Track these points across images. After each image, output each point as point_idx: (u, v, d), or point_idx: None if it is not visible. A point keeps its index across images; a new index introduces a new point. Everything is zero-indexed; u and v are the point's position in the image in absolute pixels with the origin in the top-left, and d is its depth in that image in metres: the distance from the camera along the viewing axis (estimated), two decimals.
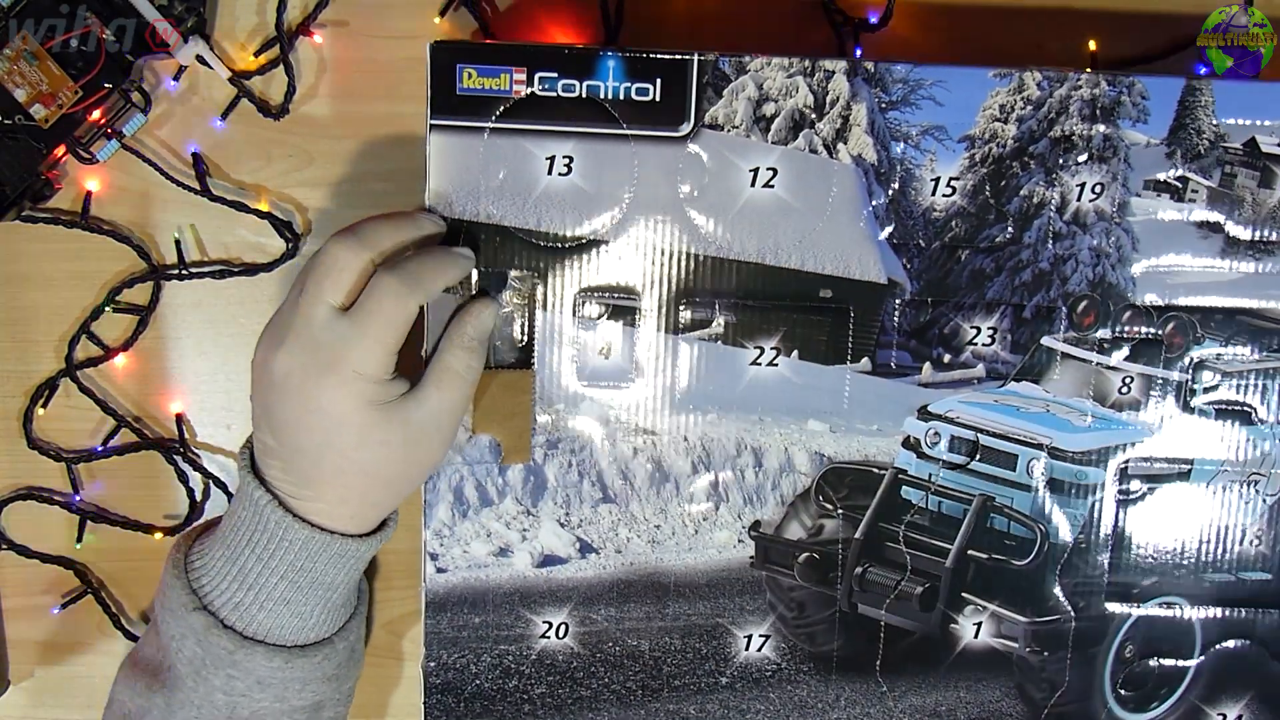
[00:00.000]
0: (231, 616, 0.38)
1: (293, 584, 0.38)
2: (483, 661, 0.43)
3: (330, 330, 0.36)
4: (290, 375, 0.36)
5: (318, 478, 0.37)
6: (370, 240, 0.37)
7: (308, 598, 0.39)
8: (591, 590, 0.43)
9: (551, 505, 0.43)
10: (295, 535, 0.37)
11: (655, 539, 0.43)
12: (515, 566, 0.43)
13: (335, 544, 0.38)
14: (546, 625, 0.43)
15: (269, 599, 0.38)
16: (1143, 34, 0.45)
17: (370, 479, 0.38)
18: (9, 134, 0.43)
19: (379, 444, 0.37)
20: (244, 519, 0.38)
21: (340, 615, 0.41)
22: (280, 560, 0.38)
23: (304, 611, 0.39)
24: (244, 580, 0.38)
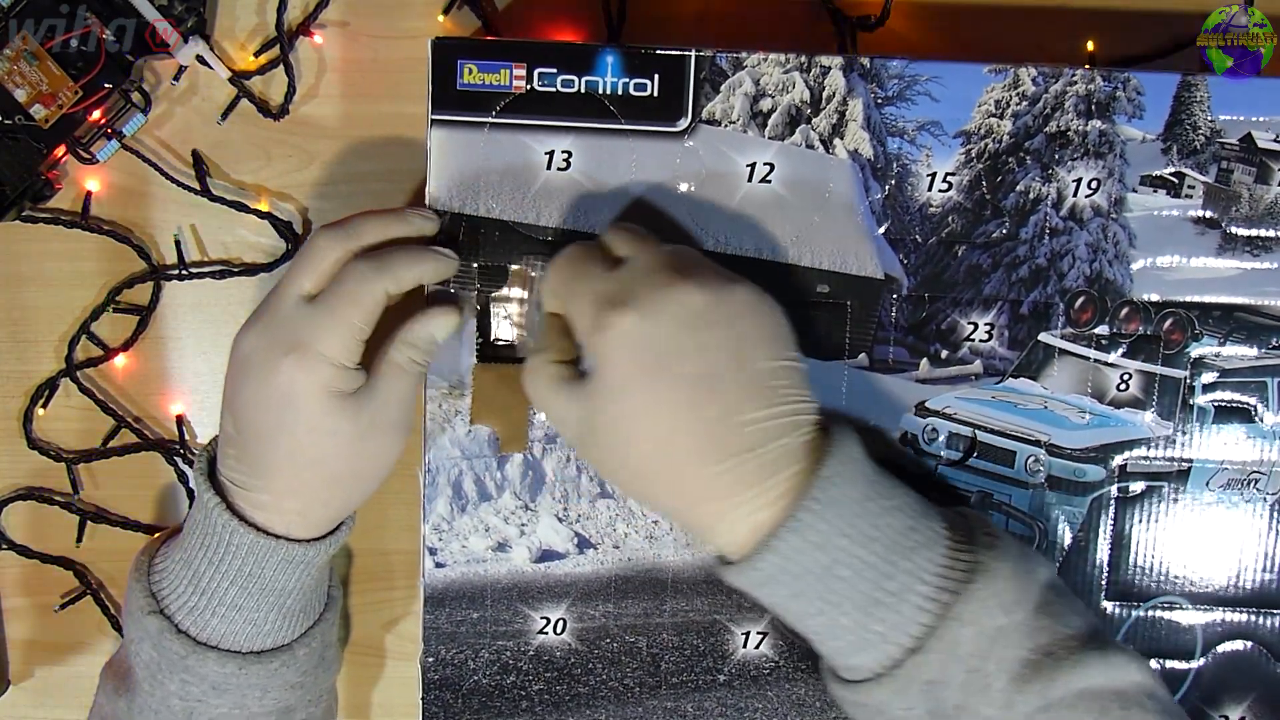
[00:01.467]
0: (186, 621, 0.37)
1: (243, 589, 0.37)
2: (481, 657, 0.43)
3: (298, 312, 0.37)
4: (254, 353, 0.37)
5: (268, 465, 0.37)
6: (354, 233, 0.38)
7: (259, 604, 0.38)
8: (589, 586, 0.43)
9: (550, 500, 0.43)
10: (242, 539, 0.37)
11: (653, 534, 0.43)
12: (513, 561, 0.43)
13: (282, 549, 0.37)
14: (544, 621, 0.43)
15: (221, 604, 0.37)
16: (1142, 33, 0.45)
17: (316, 470, 0.37)
18: (9, 134, 0.43)
19: (328, 433, 0.36)
20: (197, 521, 0.38)
21: (300, 621, 0.40)
22: (229, 565, 0.37)
23: (257, 618, 0.38)
24: (197, 584, 0.37)
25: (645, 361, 0.33)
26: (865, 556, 0.33)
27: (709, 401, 0.33)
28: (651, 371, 0.33)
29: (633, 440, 0.33)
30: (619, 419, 0.33)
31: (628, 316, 0.33)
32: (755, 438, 0.33)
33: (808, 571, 0.33)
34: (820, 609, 0.34)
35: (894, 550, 0.33)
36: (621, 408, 0.33)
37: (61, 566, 0.48)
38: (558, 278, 0.37)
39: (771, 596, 0.34)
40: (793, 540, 0.33)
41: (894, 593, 0.33)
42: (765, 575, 0.34)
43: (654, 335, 0.33)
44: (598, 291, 0.35)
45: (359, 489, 0.39)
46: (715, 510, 0.34)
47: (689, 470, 0.33)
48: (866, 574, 0.33)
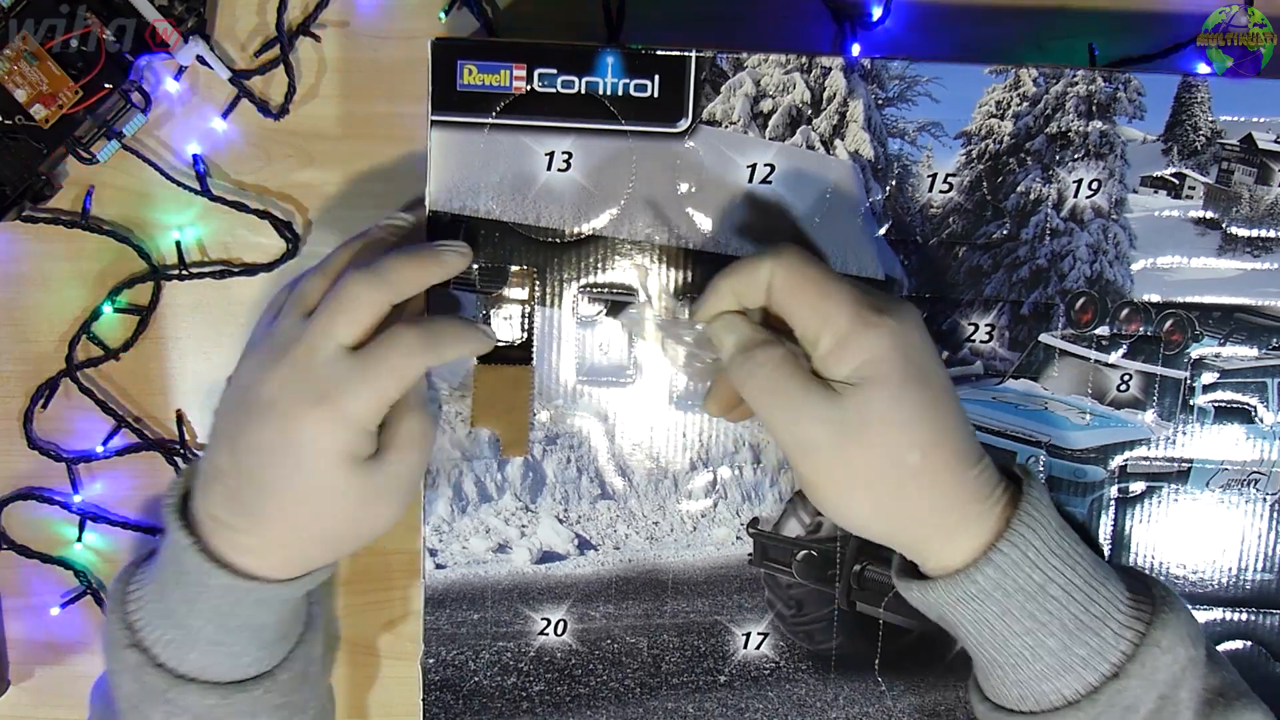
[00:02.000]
0: (164, 654, 0.36)
1: (221, 627, 0.36)
2: (481, 658, 0.43)
3: (334, 367, 0.35)
4: (277, 402, 0.35)
5: (261, 512, 0.35)
6: (393, 281, 0.36)
7: (237, 638, 0.37)
8: (590, 587, 0.43)
9: (550, 501, 0.43)
10: (217, 581, 0.35)
11: (654, 536, 0.43)
12: (514, 563, 0.43)
13: (258, 590, 0.36)
14: (545, 622, 0.43)
15: (198, 639, 0.36)
16: (1142, 33, 0.45)
17: (312, 527, 0.36)
18: (9, 134, 0.43)
19: (337, 494, 0.35)
20: (168, 560, 0.37)
21: (280, 648, 0.38)
22: (204, 603, 0.36)
23: (236, 651, 0.37)
24: (172, 619, 0.36)
25: (912, 365, 0.33)
26: (1073, 577, 0.34)
27: (958, 408, 0.34)
28: (919, 376, 0.33)
29: (907, 442, 0.33)
30: (893, 422, 0.33)
31: (889, 321, 0.33)
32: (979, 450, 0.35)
33: (1021, 589, 0.33)
34: (1028, 629, 0.34)
35: (1094, 575, 0.34)
36: (896, 411, 0.33)
37: (61, 566, 0.48)
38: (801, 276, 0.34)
39: (978, 613, 0.34)
40: (1013, 554, 0.33)
41: (1098, 616, 0.34)
42: (979, 589, 0.34)
43: (912, 342, 0.33)
44: (855, 295, 0.34)
45: (346, 547, 0.38)
46: (957, 519, 0.34)
47: (951, 473, 0.34)
48: (1075, 595, 0.34)
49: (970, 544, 0.34)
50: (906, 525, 0.35)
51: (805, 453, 0.34)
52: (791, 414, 0.34)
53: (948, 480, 0.34)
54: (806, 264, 0.34)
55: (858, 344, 0.33)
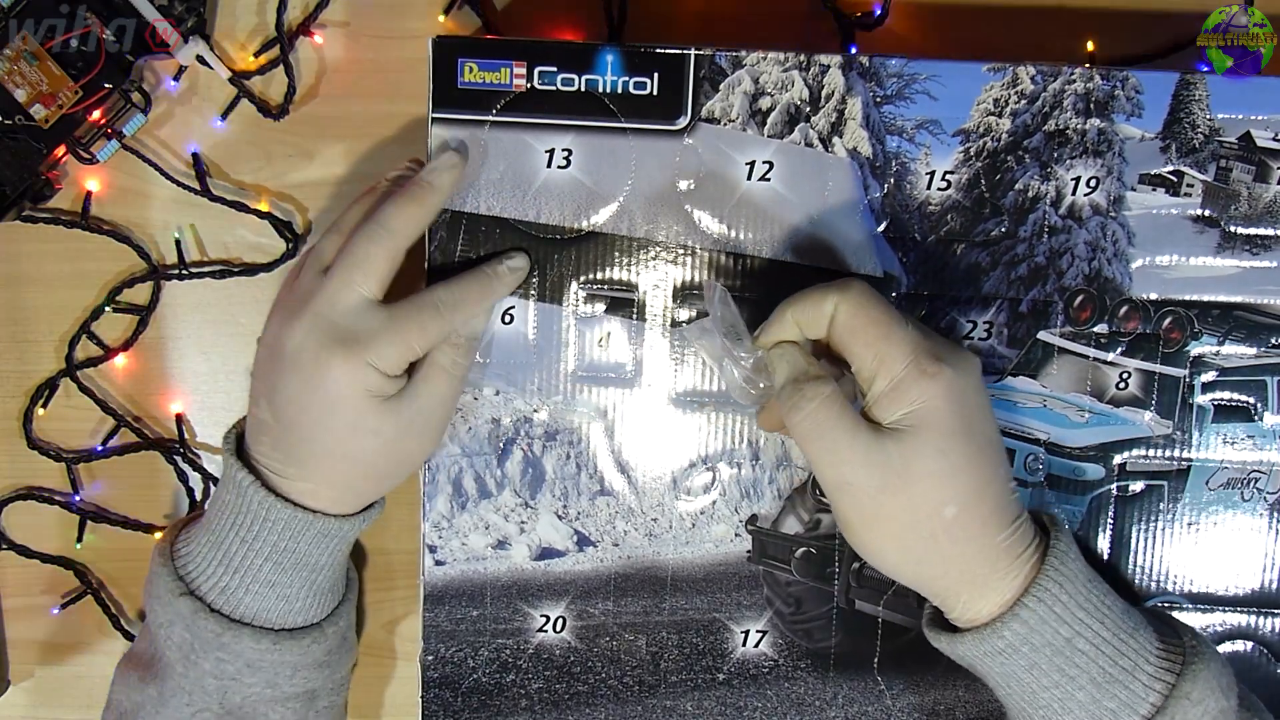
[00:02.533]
0: (218, 600, 0.38)
1: (277, 565, 0.38)
2: (480, 655, 0.43)
3: (359, 318, 0.37)
4: (303, 351, 0.37)
5: (306, 456, 0.38)
6: (395, 228, 0.38)
7: (293, 579, 0.39)
8: (589, 584, 0.43)
9: (549, 497, 0.43)
10: (278, 515, 0.38)
11: (653, 532, 0.43)
12: (513, 559, 0.43)
13: (318, 523, 0.38)
14: (544, 619, 0.43)
15: (254, 581, 0.38)
16: (1142, 33, 0.45)
17: (355, 466, 0.38)
18: (9, 134, 0.43)
19: (370, 433, 0.38)
20: (228, 502, 0.39)
21: (328, 600, 0.41)
22: (264, 541, 0.38)
23: (289, 594, 0.39)
24: (229, 563, 0.38)
25: (960, 418, 0.33)
26: (1100, 631, 0.34)
27: (1001, 465, 0.34)
28: (966, 430, 0.33)
29: (945, 496, 0.33)
30: (934, 473, 0.33)
31: (946, 371, 0.33)
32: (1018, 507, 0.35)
33: (1048, 644, 0.34)
34: (1056, 682, 0.34)
35: (1122, 627, 0.35)
36: (939, 463, 0.33)
37: (61, 566, 0.48)
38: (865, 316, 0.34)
39: (1006, 666, 0.35)
40: (1039, 609, 0.34)
41: (1126, 669, 0.34)
42: (1006, 644, 0.34)
43: (966, 394, 0.33)
44: (915, 340, 0.34)
45: (395, 478, 0.40)
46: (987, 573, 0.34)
47: (985, 529, 0.34)
48: (1103, 648, 0.34)
49: (998, 598, 0.34)
50: (936, 575, 0.35)
51: (843, 492, 0.34)
52: (833, 454, 0.34)
53: (981, 536, 0.34)
54: (872, 303, 0.35)
55: (911, 391, 0.33)
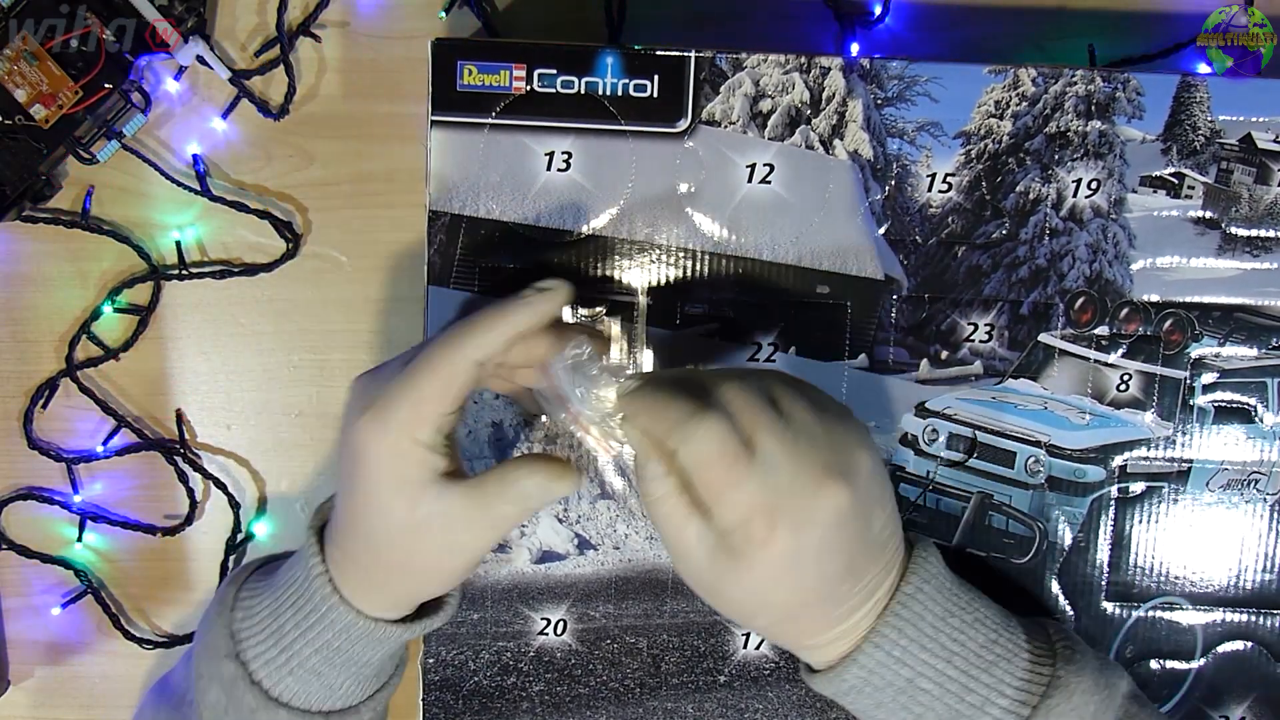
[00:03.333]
0: (261, 672, 0.36)
1: (327, 660, 0.36)
2: (481, 658, 0.43)
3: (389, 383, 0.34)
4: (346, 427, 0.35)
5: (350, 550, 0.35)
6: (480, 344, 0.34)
7: (340, 673, 0.37)
8: (590, 587, 0.43)
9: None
10: (337, 617, 0.36)
11: (654, 535, 0.43)
12: (514, 563, 0.43)
13: (377, 630, 0.36)
14: (545, 622, 0.43)
15: (300, 666, 0.36)
16: (1142, 33, 0.45)
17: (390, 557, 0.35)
18: (9, 134, 0.43)
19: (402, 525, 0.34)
20: (296, 580, 0.36)
21: (371, 685, 0.39)
22: (318, 635, 0.36)
23: (333, 684, 0.37)
24: (280, 641, 0.36)
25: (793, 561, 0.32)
26: (946, 670, 0.34)
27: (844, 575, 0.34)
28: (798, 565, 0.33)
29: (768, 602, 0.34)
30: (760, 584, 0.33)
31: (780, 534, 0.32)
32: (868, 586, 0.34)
33: (889, 684, 0.34)
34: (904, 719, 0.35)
35: (975, 664, 0.35)
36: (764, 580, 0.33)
37: (61, 566, 0.48)
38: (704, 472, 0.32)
39: (856, 705, 0.36)
40: (875, 654, 0.34)
41: (975, 705, 0.34)
42: (849, 686, 0.35)
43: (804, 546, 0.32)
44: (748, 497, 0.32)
45: (424, 586, 0.36)
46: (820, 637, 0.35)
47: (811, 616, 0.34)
48: (949, 687, 0.34)
49: (845, 644, 0.35)
50: (782, 637, 0.36)
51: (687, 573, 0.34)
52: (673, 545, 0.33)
53: (811, 620, 0.34)
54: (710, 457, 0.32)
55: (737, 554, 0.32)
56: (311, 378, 0.48)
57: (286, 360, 0.48)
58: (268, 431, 0.48)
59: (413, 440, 0.33)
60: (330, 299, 0.47)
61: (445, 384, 0.33)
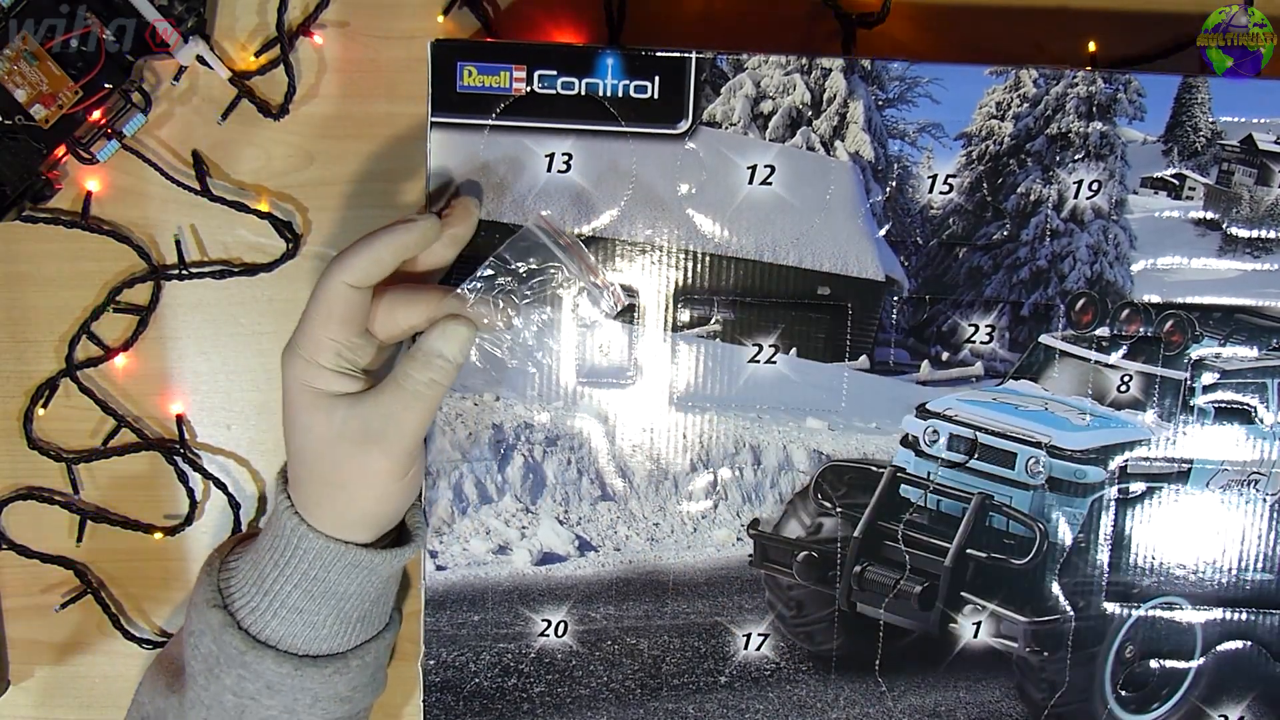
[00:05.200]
0: (248, 619, 0.38)
1: (306, 592, 0.38)
2: (482, 660, 0.43)
3: None
4: None
5: (295, 476, 0.39)
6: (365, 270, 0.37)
7: (320, 607, 0.38)
8: (590, 588, 0.43)
9: (550, 503, 0.43)
10: (309, 544, 0.38)
11: (654, 537, 0.43)
12: (514, 564, 0.43)
13: (349, 554, 0.38)
14: (545, 623, 0.43)
15: (283, 606, 0.38)
16: (1142, 33, 0.45)
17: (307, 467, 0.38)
18: (9, 134, 0.43)
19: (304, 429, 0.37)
20: (271, 524, 0.39)
21: (358, 632, 0.40)
22: (295, 568, 0.38)
23: (316, 621, 0.39)
24: (261, 585, 0.38)
25: None
26: None
27: None
28: None
29: None
30: None
31: None
32: None
33: None
34: None
35: None
36: None
37: (61, 566, 0.48)
38: None
39: None
40: None
41: None
42: None
43: None
44: None
45: (355, 500, 0.38)
46: None
47: None
48: None
49: None
50: None
51: None
52: None
53: None
54: None
55: None
56: None
57: None
58: (268, 431, 0.48)
59: (318, 365, 0.37)
60: None
61: (329, 309, 0.36)
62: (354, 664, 0.40)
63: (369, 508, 0.39)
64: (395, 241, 0.37)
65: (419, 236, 0.38)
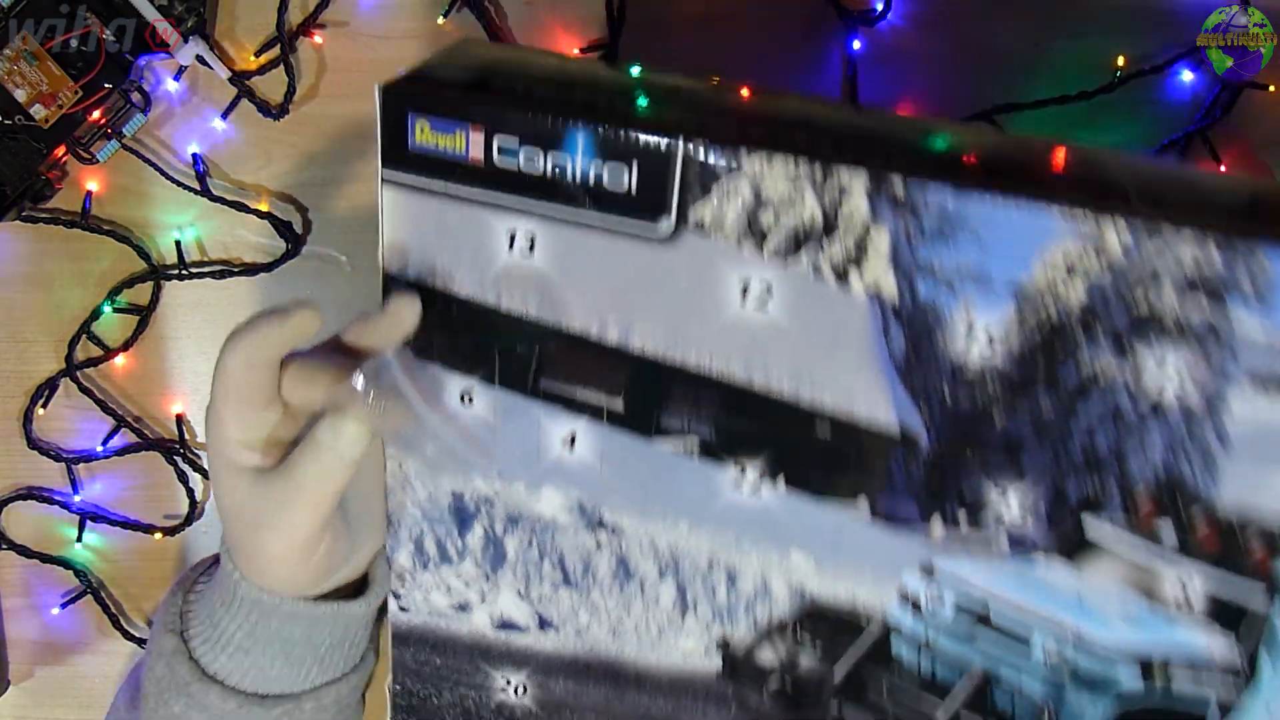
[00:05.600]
0: (199, 650, 0.39)
1: (250, 634, 0.38)
2: (444, 698, 0.43)
3: None
4: None
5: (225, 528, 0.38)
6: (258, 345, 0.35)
7: (265, 651, 0.38)
8: (550, 662, 0.41)
9: (511, 576, 0.41)
10: (245, 592, 0.38)
11: (617, 630, 0.40)
12: (474, 623, 0.42)
13: (285, 605, 0.38)
14: (506, 682, 0.42)
15: (229, 644, 0.38)
16: (1153, 27, 0.41)
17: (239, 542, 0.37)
18: (9, 134, 0.43)
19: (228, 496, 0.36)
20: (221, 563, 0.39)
21: (314, 674, 0.40)
22: (238, 611, 0.38)
23: (263, 663, 0.39)
24: (211, 618, 0.39)
25: None
26: None
27: None
28: None
29: None
30: None
31: None
32: None
33: None
34: None
35: None
36: None
37: (61, 566, 0.51)
38: None
39: None
40: None
41: None
42: None
43: None
44: None
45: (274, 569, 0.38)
46: None
47: None
48: None
49: None
50: None
51: None
52: None
53: None
54: None
55: None
56: None
57: None
58: None
59: (226, 437, 0.36)
60: (330, 299, 0.46)
61: (223, 386, 0.35)
62: (307, 706, 0.40)
63: (289, 579, 0.38)
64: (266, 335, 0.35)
65: (291, 332, 0.35)
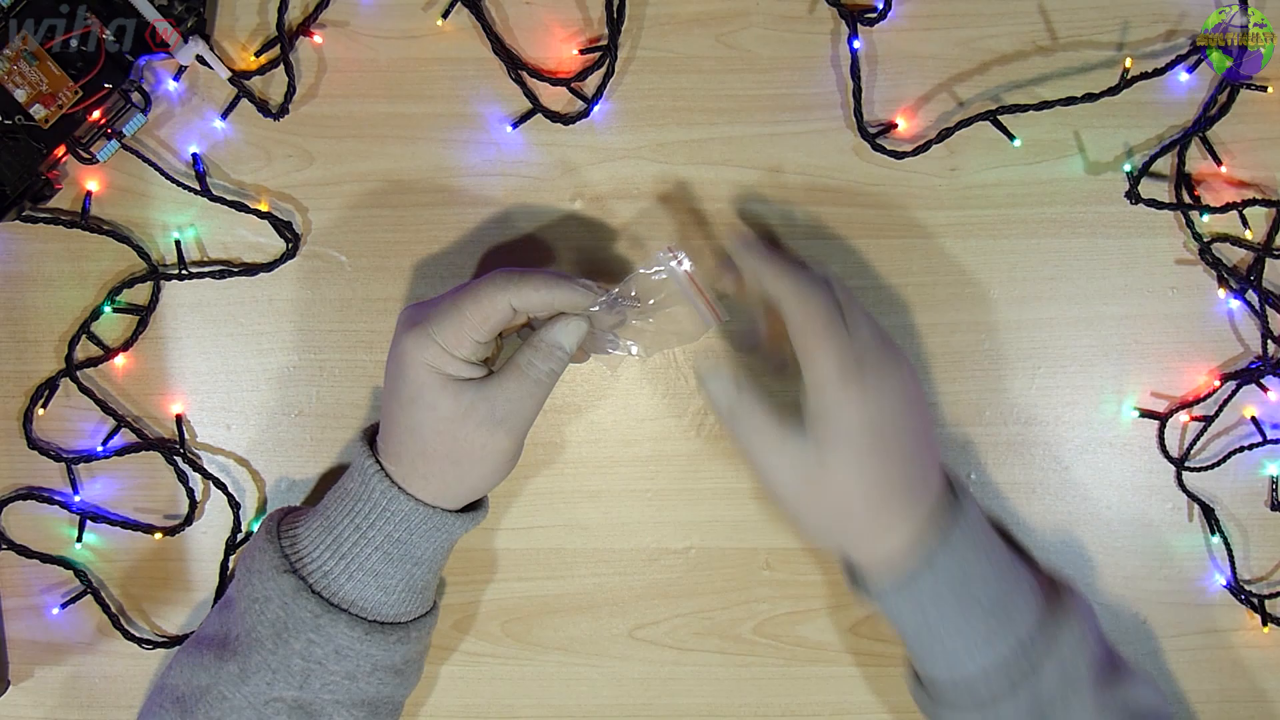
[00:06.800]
0: (320, 584, 0.40)
1: (386, 555, 0.40)
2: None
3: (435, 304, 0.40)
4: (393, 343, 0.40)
5: (397, 444, 0.40)
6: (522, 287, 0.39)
7: (396, 570, 0.40)
8: None
9: None
10: (399, 506, 0.40)
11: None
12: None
13: (434, 517, 0.40)
14: None
15: (359, 569, 0.40)
16: (1152, 25, 0.45)
17: (418, 443, 0.39)
18: (9, 134, 0.43)
19: (427, 406, 0.39)
20: (350, 490, 0.41)
21: (417, 603, 0.42)
22: (378, 530, 0.40)
23: (389, 585, 0.40)
24: (338, 549, 0.40)
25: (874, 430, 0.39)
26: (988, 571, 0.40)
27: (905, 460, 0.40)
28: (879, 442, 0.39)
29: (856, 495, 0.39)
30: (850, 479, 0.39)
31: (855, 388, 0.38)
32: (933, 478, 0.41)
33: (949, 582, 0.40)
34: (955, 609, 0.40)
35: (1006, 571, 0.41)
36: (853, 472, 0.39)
37: (61, 566, 0.48)
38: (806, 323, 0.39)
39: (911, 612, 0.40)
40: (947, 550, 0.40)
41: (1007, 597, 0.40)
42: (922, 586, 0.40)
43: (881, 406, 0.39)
44: (839, 354, 0.38)
45: (468, 474, 0.40)
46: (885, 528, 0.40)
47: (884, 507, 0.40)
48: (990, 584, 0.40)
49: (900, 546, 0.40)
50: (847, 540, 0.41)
51: (773, 485, 0.41)
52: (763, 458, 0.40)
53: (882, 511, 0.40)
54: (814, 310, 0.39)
55: (829, 407, 0.38)
56: (311, 378, 0.48)
57: (286, 360, 0.48)
58: (268, 431, 0.48)
59: (451, 355, 0.39)
60: (330, 299, 0.47)
61: (485, 316, 0.39)
62: (413, 635, 0.41)
63: (477, 483, 0.41)
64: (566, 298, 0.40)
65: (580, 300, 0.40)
